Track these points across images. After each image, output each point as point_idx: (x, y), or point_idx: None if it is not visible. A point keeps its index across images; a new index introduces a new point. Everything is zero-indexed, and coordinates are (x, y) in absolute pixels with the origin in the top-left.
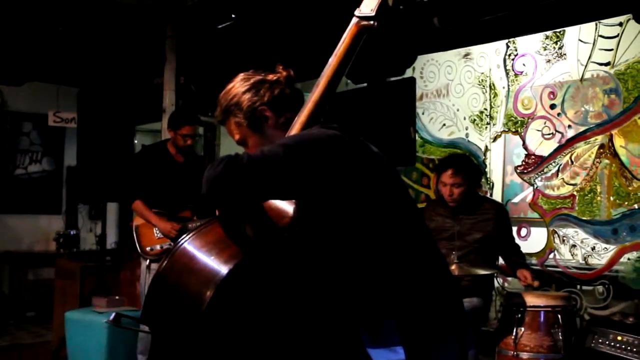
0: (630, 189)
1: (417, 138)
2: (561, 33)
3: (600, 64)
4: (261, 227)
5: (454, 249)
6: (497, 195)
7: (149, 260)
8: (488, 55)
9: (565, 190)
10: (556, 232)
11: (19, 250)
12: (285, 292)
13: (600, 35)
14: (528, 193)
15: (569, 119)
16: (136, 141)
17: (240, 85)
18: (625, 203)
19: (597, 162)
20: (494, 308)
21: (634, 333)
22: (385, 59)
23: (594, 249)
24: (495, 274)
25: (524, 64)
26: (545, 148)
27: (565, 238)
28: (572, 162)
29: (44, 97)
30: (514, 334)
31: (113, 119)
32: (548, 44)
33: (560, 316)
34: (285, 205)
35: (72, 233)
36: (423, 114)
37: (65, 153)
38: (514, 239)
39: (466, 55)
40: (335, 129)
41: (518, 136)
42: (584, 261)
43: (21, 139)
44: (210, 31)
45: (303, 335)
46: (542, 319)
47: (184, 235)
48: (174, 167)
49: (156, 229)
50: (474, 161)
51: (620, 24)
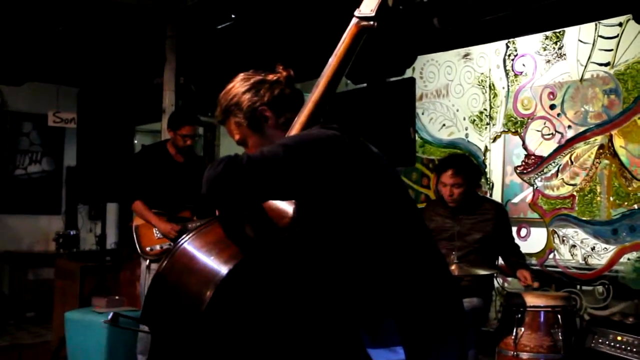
0: (630, 189)
1: (417, 138)
2: (561, 33)
3: (600, 64)
4: (261, 227)
5: (453, 249)
6: (497, 195)
7: (148, 261)
8: (488, 55)
9: (565, 190)
10: (556, 233)
11: (19, 250)
12: (285, 293)
13: (600, 36)
14: (528, 193)
15: (569, 119)
16: (136, 141)
17: (240, 85)
18: (625, 203)
19: (597, 163)
20: (494, 308)
21: (634, 333)
22: (385, 59)
23: (593, 249)
24: (495, 274)
25: (523, 64)
26: (545, 148)
27: (565, 238)
28: (572, 163)
29: (44, 97)
30: (514, 334)
31: (113, 119)
32: (548, 44)
33: (560, 316)
34: (285, 205)
35: (72, 233)
36: (423, 114)
37: (65, 153)
38: (514, 239)
39: (466, 55)
40: (335, 129)
41: (518, 136)
42: (584, 261)
43: (21, 139)
44: (210, 31)
45: (303, 335)
46: (542, 319)
47: (184, 235)
48: (173, 168)
49: (156, 229)
50: (473, 161)
51: (620, 24)
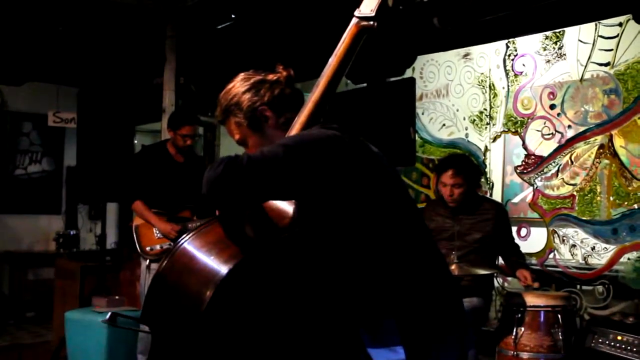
0: (630, 189)
1: (417, 138)
2: (561, 33)
3: (600, 64)
4: (261, 228)
5: (453, 249)
6: (497, 195)
7: (148, 260)
8: (488, 55)
9: (565, 190)
10: (556, 232)
11: (19, 250)
12: (285, 293)
13: (600, 36)
14: (528, 193)
15: (569, 119)
16: (136, 141)
17: (240, 85)
18: (625, 203)
19: (597, 162)
20: (494, 308)
21: (634, 333)
22: (385, 59)
23: (593, 249)
24: (495, 274)
25: (523, 64)
26: (545, 148)
27: (565, 238)
28: (572, 162)
29: (44, 97)
30: (514, 333)
31: (113, 119)
32: (548, 44)
33: (560, 316)
34: (285, 205)
35: (72, 233)
36: (423, 114)
37: (65, 153)
38: (514, 239)
39: (466, 55)
40: (335, 129)
41: (518, 136)
42: (584, 261)
43: (21, 139)
44: (210, 31)
45: (303, 335)
46: (542, 318)
47: (184, 235)
48: (173, 168)
49: (156, 229)
50: (474, 161)
51: (620, 24)
